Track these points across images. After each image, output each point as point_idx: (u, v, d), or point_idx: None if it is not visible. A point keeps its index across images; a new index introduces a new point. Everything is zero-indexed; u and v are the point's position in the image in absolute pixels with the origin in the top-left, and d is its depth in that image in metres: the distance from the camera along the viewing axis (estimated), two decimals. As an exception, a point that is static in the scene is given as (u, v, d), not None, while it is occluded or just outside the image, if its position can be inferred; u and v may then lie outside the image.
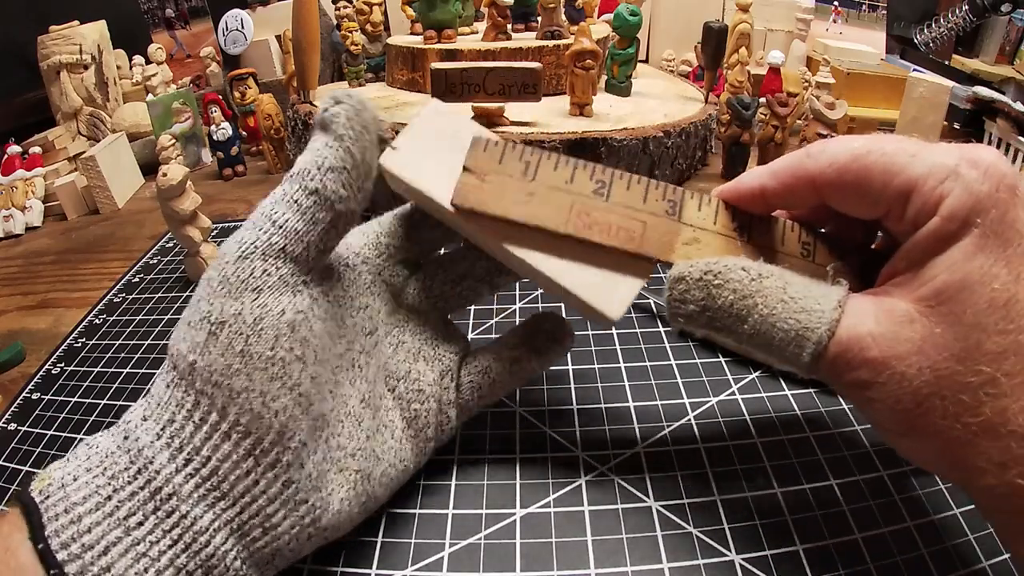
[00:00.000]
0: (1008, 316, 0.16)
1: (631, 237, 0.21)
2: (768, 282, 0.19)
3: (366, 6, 0.58)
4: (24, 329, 0.42)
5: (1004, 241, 0.16)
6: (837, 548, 0.22)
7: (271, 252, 0.19)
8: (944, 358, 0.17)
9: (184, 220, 0.41)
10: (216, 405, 0.18)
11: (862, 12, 0.81)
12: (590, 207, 0.21)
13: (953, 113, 0.61)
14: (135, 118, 0.70)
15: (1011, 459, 0.16)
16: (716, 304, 0.20)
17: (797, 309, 0.19)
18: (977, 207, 0.17)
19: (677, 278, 0.20)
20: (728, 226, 0.21)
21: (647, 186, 0.22)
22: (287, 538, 0.19)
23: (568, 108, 0.49)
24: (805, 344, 0.18)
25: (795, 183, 0.20)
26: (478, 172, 0.22)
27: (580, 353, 0.33)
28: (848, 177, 0.19)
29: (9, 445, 0.31)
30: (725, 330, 0.20)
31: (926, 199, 0.17)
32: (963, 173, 0.17)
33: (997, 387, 0.16)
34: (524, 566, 0.22)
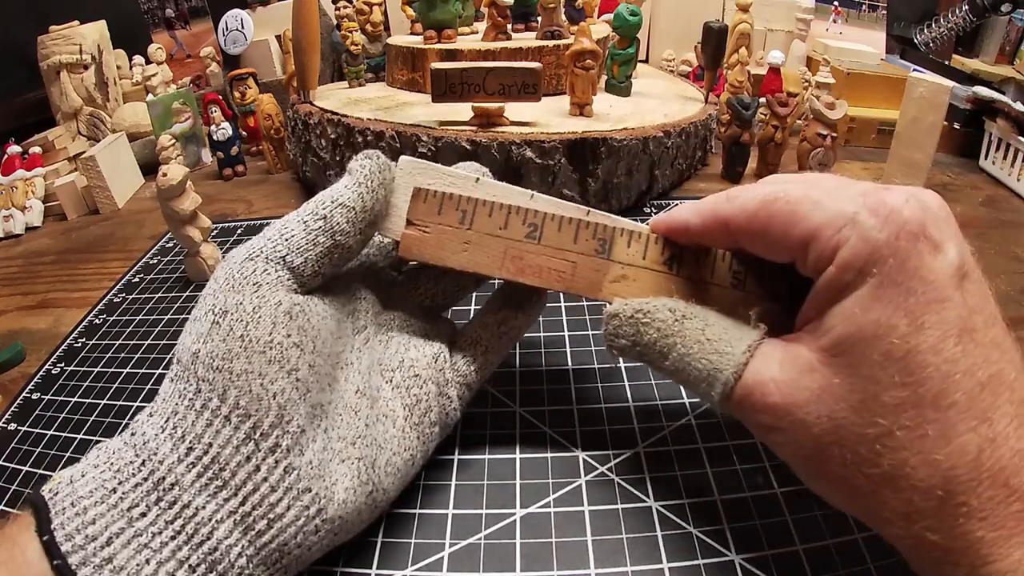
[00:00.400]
0: (906, 369, 0.16)
1: (561, 278, 0.23)
2: (689, 323, 0.21)
3: (366, 6, 0.58)
4: (24, 329, 0.42)
5: (905, 290, 0.16)
6: (837, 548, 0.22)
7: (274, 257, 0.22)
8: (841, 408, 0.17)
9: (184, 220, 0.41)
10: (217, 389, 0.19)
11: (862, 12, 0.81)
12: (523, 251, 0.23)
13: (953, 113, 0.61)
14: (135, 118, 0.70)
15: (914, 511, 0.16)
16: (643, 340, 0.21)
17: (711, 351, 0.20)
18: (874, 256, 0.16)
19: (612, 314, 0.22)
20: (657, 260, 0.23)
21: (577, 227, 0.23)
22: (293, 530, 0.19)
23: (568, 108, 0.49)
24: (715, 384, 0.20)
25: (713, 224, 0.21)
26: (419, 224, 0.24)
27: (580, 353, 0.33)
28: (755, 224, 0.19)
29: (9, 445, 0.31)
30: (651, 364, 0.22)
31: (824, 248, 0.17)
32: (861, 221, 0.17)
33: (894, 440, 0.16)
34: (524, 566, 0.22)
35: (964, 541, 0.16)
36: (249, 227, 0.51)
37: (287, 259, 0.22)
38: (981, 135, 0.61)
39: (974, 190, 0.56)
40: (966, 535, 0.16)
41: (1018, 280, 0.41)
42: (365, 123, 0.47)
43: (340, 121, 0.48)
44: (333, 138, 0.49)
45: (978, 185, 0.58)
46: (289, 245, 0.22)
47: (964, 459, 0.16)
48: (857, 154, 0.64)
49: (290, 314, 0.21)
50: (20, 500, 0.27)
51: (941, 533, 0.16)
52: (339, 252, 0.23)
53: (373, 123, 0.46)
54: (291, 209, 0.24)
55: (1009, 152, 0.57)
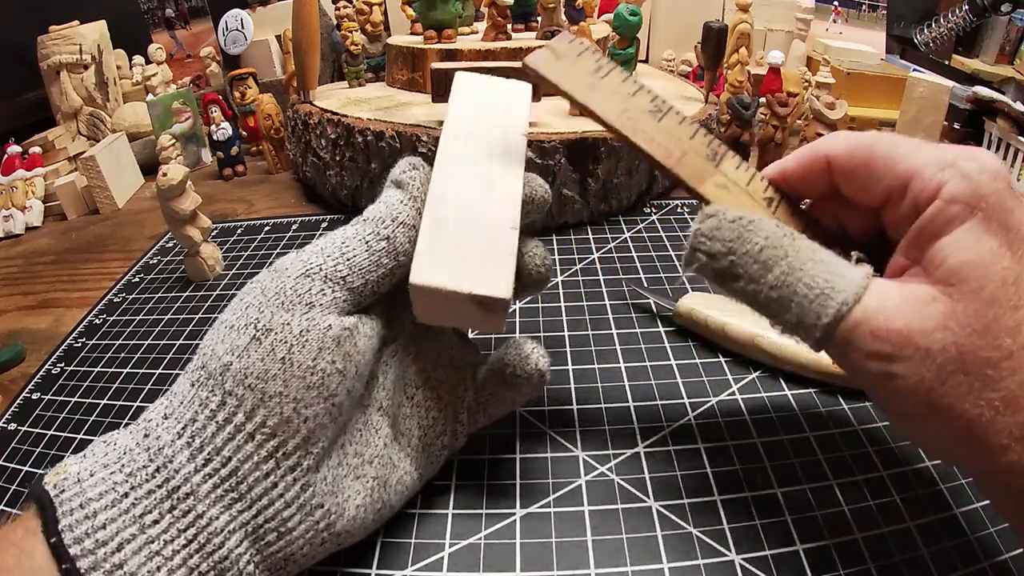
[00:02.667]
0: (1019, 292, 0.17)
1: (669, 154, 0.22)
2: (800, 242, 0.19)
3: (366, 6, 0.58)
4: (24, 329, 0.42)
5: (1004, 227, 0.17)
6: (837, 548, 0.22)
7: (333, 278, 0.21)
8: (967, 333, 0.17)
9: (184, 220, 0.41)
10: (245, 406, 0.18)
11: (862, 12, 0.81)
12: (641, 119, 0.22)
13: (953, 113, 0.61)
14: (135, 118, 0.70)
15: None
16: (744, 248, 0.19)
17: (825, 270, 0.19)
18: (977, 192, 0.17)
19: (710, 213, 0.20)
20: (759, 192, 0.22)
21: (697, 129, 0.22)
22: (301, 542, 0.20)
23: (568, 108, 0.49)
24: (828, 303, 0.18)
25: (813, 163, 0.21)
26: (557, 53, 0.23)
27: (580, 353, 0.33)
28: (857, 159, 0.20)
29: (9, 445, 0.31)
30: (746, 278, 0.19)
31: (925, 185, 0.18)
32: (961, 165, 0.18)
33: (1016, 359, 0.17)
34: (524, 566, 0.22)
35: None
36: (249, 227, 0.51)
37: (347, 280, 0.21)
38: (981, 135, 0.61)
39: (974, 190, 0.56)
40: None
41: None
42: (365, 123, 0.47)
43: (340, 121, 0.48)
44: (333, 138, 0.49)
45: (978, 185, 0.58)
46: (350, 266, 0.21)
47: None
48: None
49: (338, 340, 0.20)
50: (22, 497, 0.27)
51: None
52: (400, 272, 0.22)
53: (373, 123, 0.46)
54: (291, 209, 0.23)
55: (1009, 152, 0.57)
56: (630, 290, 0.38)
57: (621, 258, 0.42)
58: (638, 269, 0.41)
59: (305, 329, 0.19)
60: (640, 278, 0.39)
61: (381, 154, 0.46)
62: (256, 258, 0.46)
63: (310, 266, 0.20)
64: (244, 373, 0.19)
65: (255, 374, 0.19)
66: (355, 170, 0.48)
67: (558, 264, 0.42)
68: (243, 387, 0.19)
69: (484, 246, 0.21)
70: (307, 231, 0.49)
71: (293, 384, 0.19)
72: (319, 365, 0.19)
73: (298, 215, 0.52)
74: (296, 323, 0.19)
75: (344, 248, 0.21)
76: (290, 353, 0.19)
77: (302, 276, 0.20)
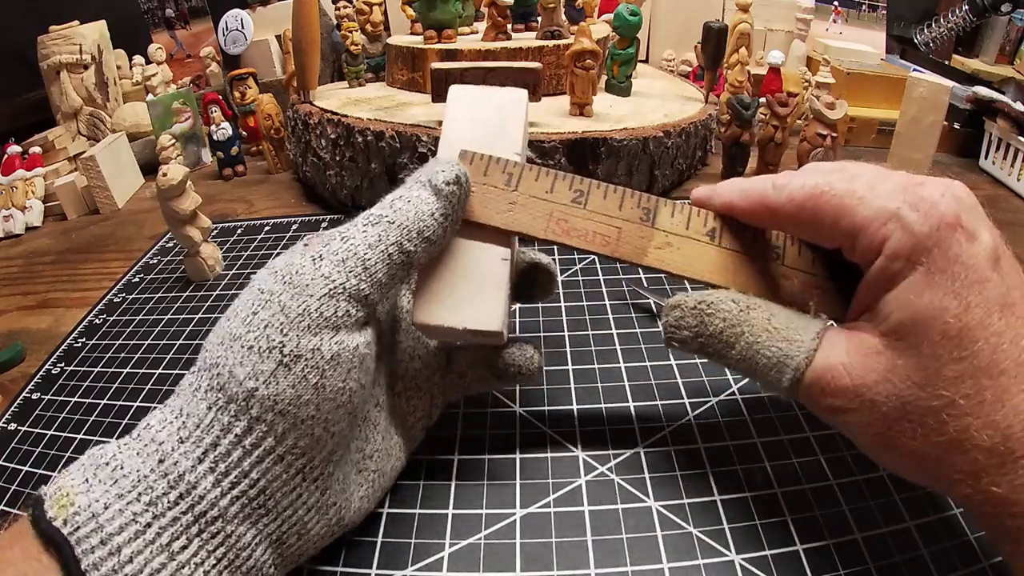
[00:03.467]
0: (961, 344, 0.17)
1: (606, 242, 0.23)
2: (755, 313, 0.21)
3: (366, 6, 0.58)
4: (24, 329, 0.42)
5: (950, 276, 0.18)
6: (837, 548, 0.22)
7: (357, 297, 0.20)
8: (907, 386, 0.18)
9: (184, 220, 0.41)
10: (275, 431, 0.18)
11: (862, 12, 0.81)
12: (568, 214, 0.23)
13: (953, 113, 0.61)
14: (135, 118, 0.70)
15: (980, 470, 0.17)
16: (708, 331, 0.21)
17: (780, 338, 0.20)
18: (918, 247, 0.18)
19: (673, 306, 0.22)
20: (700, 231, 0.23)
21: (623, 195, 0.23)
22: (316, 539, 0.21)
23: (568, 108, 0.49)
24: (785, 371, 0.20)
25: (759, 209, 0.22)
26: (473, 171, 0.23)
27: (580, 353, 0.33)
28: (803, 215, 0.20)
29: (9, 445, 0.31)
30: (715, 355, 0.22)
31: (871, 240, 0.19)
32: (904, 215, 0.18)
33: (957, 408, 0.17)
34: (524, 566, 0.22)
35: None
36: (249, 227, 0.51)
37: (370, 298, 0.20)
38: (981, 135, 0.61)
39: (974, 190, 0.55)
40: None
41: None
42: (365, 123, 0.47)
43: (340, 121, 0.48)
44: (333, 138, 0.49)
45: (978, 185, 0.58)
46: (372, 281, 0.20)
47: (1019, 417, 0.17)
48: (857, 154, 0.64)
49: (362, 358, 0.20)
50: (18, 503, 0.27)
51: (1003, 486, 0.17)
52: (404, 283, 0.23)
53: (373, 123, 0.46)
54: (291, 209, 0.23)
55: (1009, 152, 0.57)
56: (630, 290, 0.38)
57: (621, 258, 0.42)
58: (638, 269, 0.40)
59: (336, 353, 0.19)
60: (640, 278, 0.39)
61: (381, 154, 0.46)
62: (256, 258, 0.46)
63: (335, 285, 0.19)
64: (274, 400, 0.18)
65: (287, 400, 0.18)
66: (355, 170, 0.48)
67: (558, 264, 0.42)
68: (273, 413, 0.18)
69: (477, 281, 0.23)
70: (307, 231, 0.49)
71: (325, 407, 0.19)
72: (348, 385, 0.20)
73: (298, 215, 0.52)
74: (326, 348, 0.19)
75: (365, 260, 0.20)
76: (323, 379, 0.19)
77: (327, 297, 0.19)
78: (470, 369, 0.26)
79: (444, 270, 0.23)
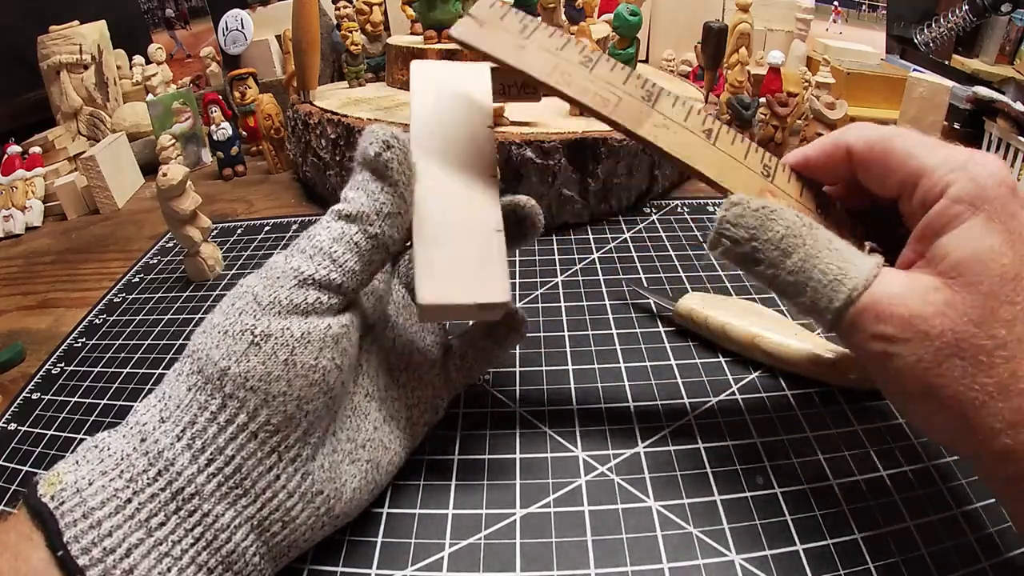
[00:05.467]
0: (1016, 288, 0.18)
1: (605, 103, 0.22)
2: (818, 231, 0.21)
3: (366, 6, 0.58)
4: (24, 329, 0.42)
5: (1006, 228, 0.18)
6: (837, 548, 0.22)
7: (328, 285, 0.20)
8: (964, 321, 0.18)
9: (184, 220, 0.41)
10: (247, 407, 0.19)
11: (862, 12, 0.81)
12: (573, 71, 0.23)
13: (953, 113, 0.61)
14: (135, 118, 0.70)
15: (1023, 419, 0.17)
16: (766, 235, 0.21)
17: (840, 258, 0.20)
18: (981, 195, 0.19)
19: (735, 202, 0.21)
20: (698, 126, 0.23)
21: (629, 73, 0.23)
22: (303, 529, 0.20)
23: (568, 108, 0.49)
24: (840, 289, 0.20)
25: (834, 151, 0.22)
26: (479, 20, 0.23)
27: (580, 353, 0.33)
28: (875, 152, 0.21)
29: (9, 445, 0.31)
30: (766, 263, 0.21)
31: (935, 183, 0.19)
32: (971, 168, 0.19)
33: (1008, 350, 0.18)
34: (524, 566, 0.22)
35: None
36: (249, 227, 0.51)
37: (343, 287, 0.21)
38: (981, 135, 0.61)
39: (974, 190, 0.56)
40: None
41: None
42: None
43: (340, 121, 0.48)
44: (333, 138, 0.49)
45: (978, 185, 0.58)
46: (343, 271, 0.20)
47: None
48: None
49: (337, 338, 0.20)
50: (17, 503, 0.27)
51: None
52: (390, 262, 0.23)
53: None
54: (291, 209, 0.23)
55: (1009, 152, 0.57)
56: (630, 290, 0.38)
57: (621, 258, 0.42)
58: (638, 269, 0.41)
59: (306, 332, 0.20)
60: (640, 278, 0.39)
61: (381, 154, 0.46)
62: (256, 258, 0.46)
63: (303, 276, 0.20)
64: (245, 376, 0.19)
65: (257, 376, 0.19)
66: (355, 170, 0.48)
67: (558, 264, 0.42)
68: (244, 389, 0.19)
69: (476, 255, 0.22)
70: (307, 231, 0.49)
71: (297, 383, 0.19)
72: (321, 363, 0.20)
73: (298, 215, 0.52)
74: (296, 327, 0.20)
75: (334, 253, 0.20)
76: (292, 355, 0.19)
77: (296, 287, 0.20)
78: (471, 348, 0.27)
79: (439, 249, 0.22)
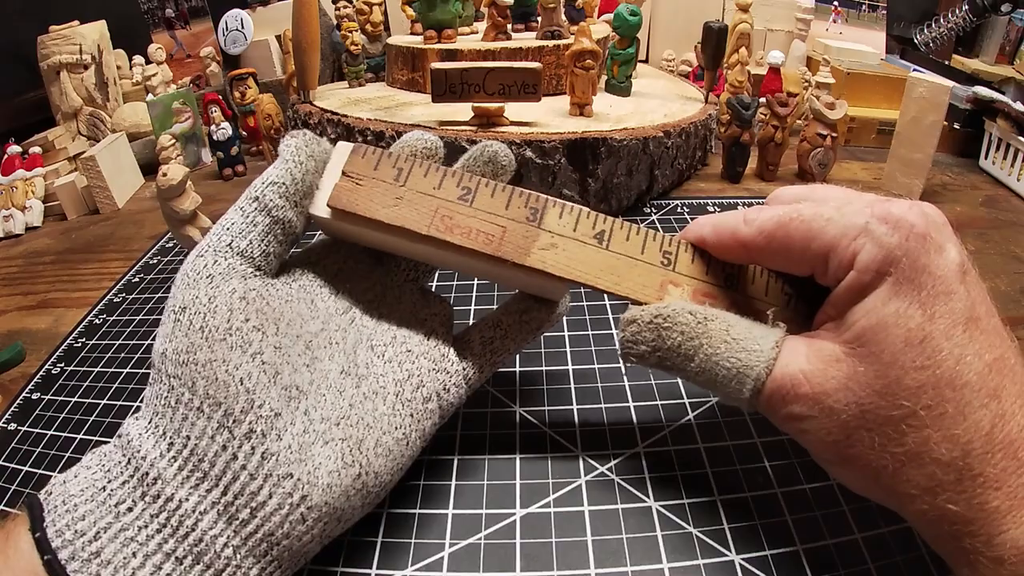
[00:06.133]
0: (924, 353, 0.17)
1: (489, 240, 0.23)
2: (712, 324, 0.21)
3: (366, 6, 0.58)
4: (24, 329, 0.42)
5: (917, 286, 0.18)
6: (837, 548, 0.22)
7: (220, 247, 0.22)
8: (867, 394, 0.18)
9: (184, 220, 0.41)
10: (186, 383, 0.20)
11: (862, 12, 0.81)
12: (453, 211, 0.23)
13: (953, 113, 0.61)
14: (135, 118, 0.70)
15: (937, 485, 0.17)
16: (665, 345, 0.21)
17: (738, 349, 0.20)
18: (888, 257, 0.18)
19: (629, 320, 0.22)
20: (588, 233, 0.23)
21: (511, 194, 0.23)
22: (278, 519, 0.19)
23: (568, 108, 0.49)
24: (745, 381, 0.20)
25: (731, 243, 0.22)
26: (354, 177, 0.23)
27: (580, 353, 0.33)
28: (774, 244, 0.21)
29: (9, 445, 0.31)
30: (674, 368, 0.22)
31: (842, 257, 0.19)
32: (873, 229, 0.19)
33: (917, 419, 0.18)
34: (524, 566, 0.22)
35: (982, 511, 0.17)
36: (249, 227, 0.51)
37: (232, 245, 0.22)
38: (981, 135, 0.61)
39: (974, 190, 0.56)
40: (983, 505, 0.17)
41: (1018, 280, 0.41)
42: (365, 123, 0.47)
43: (340, 121, 0.48)
44: (333, 138, 0.48)
45: (978, 185, 0.58)
46: (231, 232, 0.22)
47: (979, 433, 0.17)
48: (857, 154, 0.64)
49: (246, 299, 0.21)
50: (20, 500, 0.27)
51: (961, 504, 0.17)
52: (280, 228, 0.23)
53: (373, 123, 0.46)
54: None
55: (1009, 152, 0.57)
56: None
57: (621, 258, 0.42)
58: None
59: (212, 296, 0.21)
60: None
61: (381, 154, 0.46)
62: (256, 258, 0.46)
63: (200, 247, 0.22)
64: (176, 352, 0.20)
65: (184, 350, 0.20)
66: (355, 170, 0.48)
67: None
68: (179, 365, 0.20)
69: None
70: (306, 231, 0.49)
71: (218, 348, 0.20)
72: (234, 325, 0.20)
73: (298, 215, 0.52)
74: (203, 293, 0.21)
75: (224, 221, 0.23)
76: (205, 321, 0.20)
77: (196, 256, 0.22)
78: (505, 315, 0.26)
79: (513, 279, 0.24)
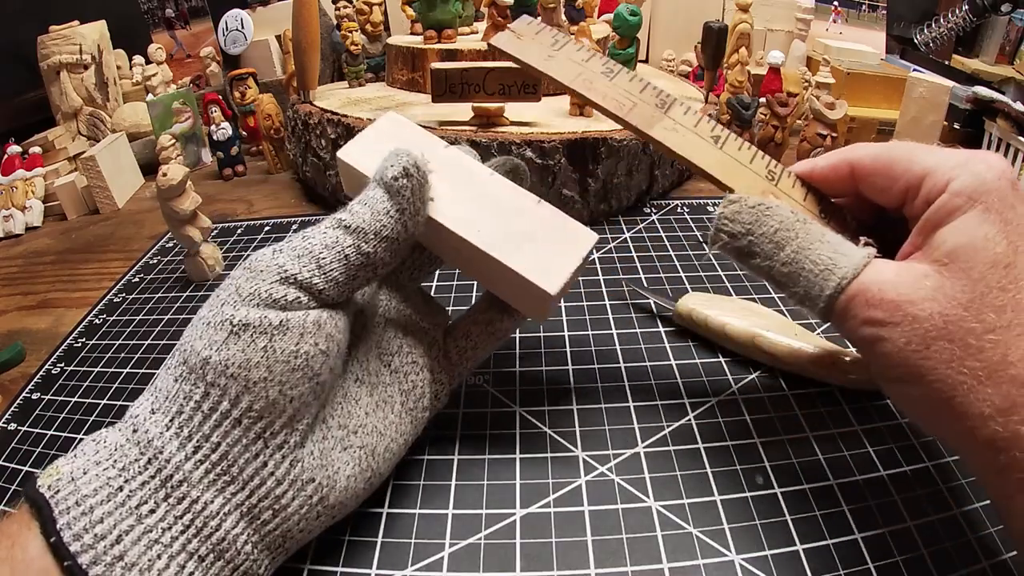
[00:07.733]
0: (1008, 276, 0.18)
1: (621, 107, 0.25)
2: (811, 226, 0.22)
3: (366, 6, 0.58)
4: (24, 329, 0.42)
5: (1004, 219, 0.19)
6: (837, 548, 0.22)
7: (308, 288, 0.21)
8: (952, 305, 0.19)
9: (184, 220, 0.41)
10: (228, 395, 0.19)
11: (862, 12, 0.81)
12: (595, 79, 0.26)
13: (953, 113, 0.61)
14: (135, 118, 0.70)
15: (1013, 405, 0.17)
16: (761, 230, 0.22)
17: (831, 249, 0.21)
18: (980, 188, 0.19)
19: (732, 199, 0.23)
20: (706, 132, 0.25)
21: (646, 83, 0.26)
22: (296, 518, 0.20)
23: (568, 108, 0.49)
24: (830, 277, 0.21)
25: (839, 166, 0.23)
26: (518, 33, 0.28)
27: (580, 353, 0.33)
28: (879, 162, 0.22)
29: (9, 445, 0.31)
30: (760, 255, 0.22)
31: (937, 181, 0.20)
32: (971, 164, 0.20)
33: (999, 334, 0.18)
34: (524, 566, 0.22)
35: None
36: (249, 227, 0.51)
37: (324, 294, 0.21)
38: (981, 135, 0.61)
39: (974, 190, 0.56)
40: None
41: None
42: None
43: (340, 121, 0.48)
44: (333, 138, 0.49)
45: (978, 185, 0.57)
46: (326, 279, 0.21)
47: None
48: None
49: (319, 323, 0.20)
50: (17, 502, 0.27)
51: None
52: (374, 280, 0.23)
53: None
54: (291, 209, 0.23)
55: (1009, 152, 0.57)
56: (630, 290, 0.38)
57: (621, 258, 0.42)
58: (638, 269, 0.41)
59: (284, 320, 0.20)
60: (640, 278, 0.39)
61: (381, 154, 0.46)
62: (256, 258, 0.46)
63: (286, 273, 0.20)
64: (225, 364, 0.19)
65: (236, 364, 0.19)
66: (355, 170, 0.48)
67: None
68: (225, 377, 0.19)
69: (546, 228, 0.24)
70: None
71: (277, 369, 0.19)
72: (302, 349, 0.20)
73: (298, 215, 0.52)
74: (275, 316, 0.20)
75: (321, 259, 0.21)
76: (271, 342, 0.19)
77: (277, 283, 0.20)
78: (473, 325, 0.27)
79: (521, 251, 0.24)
